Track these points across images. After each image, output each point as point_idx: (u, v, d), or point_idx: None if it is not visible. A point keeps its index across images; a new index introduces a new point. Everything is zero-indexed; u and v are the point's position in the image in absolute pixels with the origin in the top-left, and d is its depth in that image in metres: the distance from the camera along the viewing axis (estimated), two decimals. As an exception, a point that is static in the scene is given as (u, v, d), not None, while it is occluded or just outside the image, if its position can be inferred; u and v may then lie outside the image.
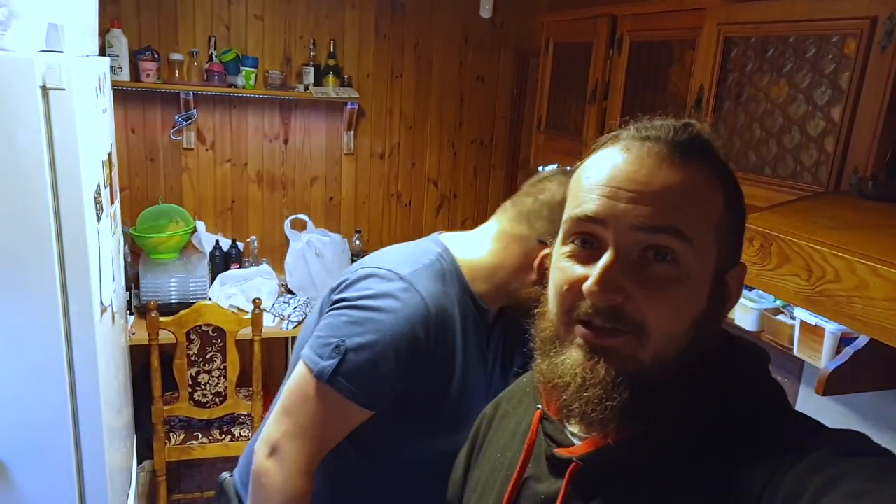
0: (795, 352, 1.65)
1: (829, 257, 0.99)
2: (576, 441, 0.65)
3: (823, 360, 1.56)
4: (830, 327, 1.55)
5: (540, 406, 0.71)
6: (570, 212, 0.62)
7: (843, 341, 1.54)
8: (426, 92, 3.54)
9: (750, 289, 1.88)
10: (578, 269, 0.60)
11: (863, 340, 1.42)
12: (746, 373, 0.61)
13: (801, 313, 1.65)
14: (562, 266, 0.62)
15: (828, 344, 1.56)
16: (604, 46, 2.18)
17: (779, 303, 1.77)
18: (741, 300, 1.82)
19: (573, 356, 0.60)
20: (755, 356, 0.64)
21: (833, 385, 1.43)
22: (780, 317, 1.74)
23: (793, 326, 1.67)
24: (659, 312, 0.56)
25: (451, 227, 3.75)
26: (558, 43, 2.52)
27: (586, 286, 0.58)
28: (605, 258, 0.57)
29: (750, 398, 0.59)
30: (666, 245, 0.56)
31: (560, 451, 0.65)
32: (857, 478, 0.47)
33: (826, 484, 0.48)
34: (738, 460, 0.54)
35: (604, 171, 0.60)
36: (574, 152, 2.41)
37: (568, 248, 0.62)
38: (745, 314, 1.80)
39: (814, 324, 1.59)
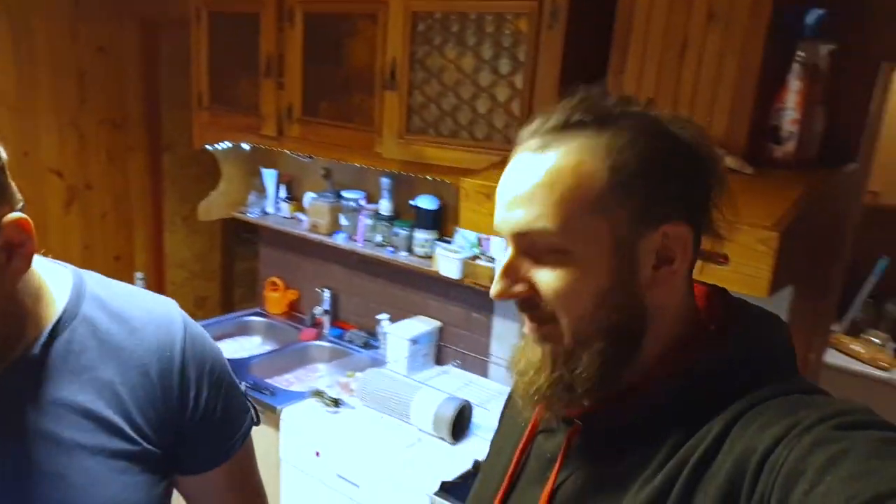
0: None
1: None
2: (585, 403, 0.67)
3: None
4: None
5: None
6: None
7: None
8: (32, 66, 2.90)
9: (449, 241, 2.10)
10: None
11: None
12: (751, 339, 0.62)
13: (497, 254, 1.93)
14: None
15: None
16: (273, 18, 2.11)
17: (476, 250, 2.02)
18: (446, 253, 2.02)
19: (517, 345, 0.69)
20: (758, 322, 0.64)
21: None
22: (479, 261, 1.99)
23: (492, 268, 1.93)
24: (557, 298, 0.61)
25: (88, 223, 3.22)
26: (214, 12, 2.34)
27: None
28: (505, 259, 0.64)
29: (752, 364, 0.60)
30: (543, 243, 0.60)
31: (569, 413, 0.67)
32: (858, 456, 0.47)
33: (827, 462, 0.47)
34: (738, 428, 0.55)
35: (500, 184, 0.65)
36: (251, 128, 2.30)
37: None
38: (449, 265, 2.01)
39: (508, 262, 1.87)
